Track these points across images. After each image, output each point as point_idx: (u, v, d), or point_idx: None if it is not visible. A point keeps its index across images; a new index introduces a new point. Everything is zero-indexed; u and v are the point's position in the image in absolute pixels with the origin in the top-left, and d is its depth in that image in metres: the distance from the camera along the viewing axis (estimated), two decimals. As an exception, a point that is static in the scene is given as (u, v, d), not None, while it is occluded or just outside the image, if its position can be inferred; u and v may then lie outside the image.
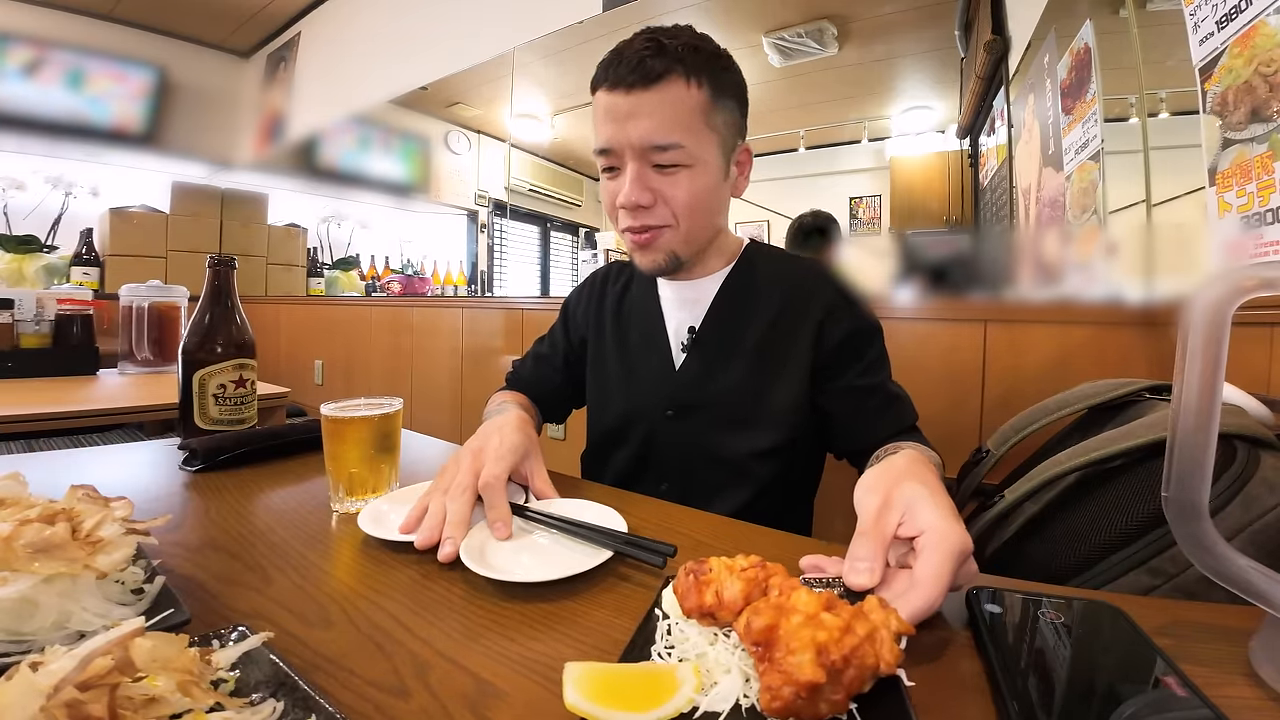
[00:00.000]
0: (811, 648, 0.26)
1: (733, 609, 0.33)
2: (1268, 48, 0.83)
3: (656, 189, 0.67)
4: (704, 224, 0.72)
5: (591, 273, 0.95)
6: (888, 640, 0.28)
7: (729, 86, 0.69)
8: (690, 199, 0.68)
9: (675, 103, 0.65)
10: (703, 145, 0.67)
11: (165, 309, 1.70)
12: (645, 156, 0.66)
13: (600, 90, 0.67)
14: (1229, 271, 0.29)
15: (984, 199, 2.16)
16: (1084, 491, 0.55)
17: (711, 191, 0.70)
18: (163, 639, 0.27)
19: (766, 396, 0.73)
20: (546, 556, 0.48)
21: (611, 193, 0.70)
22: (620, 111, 0.65)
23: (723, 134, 0.69)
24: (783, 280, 0.77)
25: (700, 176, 0.67)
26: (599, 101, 0.68)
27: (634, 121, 0.65)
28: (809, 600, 0.30)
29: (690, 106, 0.65)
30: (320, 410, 0.60)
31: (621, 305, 0.86)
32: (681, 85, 0.65)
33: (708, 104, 0.66)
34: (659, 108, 0.64)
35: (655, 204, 0.68)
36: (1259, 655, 0.33)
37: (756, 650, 0.27)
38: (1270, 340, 0.87)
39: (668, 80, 0.64)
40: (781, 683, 0.26)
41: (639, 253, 0.72)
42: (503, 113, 3.23)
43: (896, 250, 1.45)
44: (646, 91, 0.64)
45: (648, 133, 0.64)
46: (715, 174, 0.69)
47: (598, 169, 0.72)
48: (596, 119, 0.69)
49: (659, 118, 0.64)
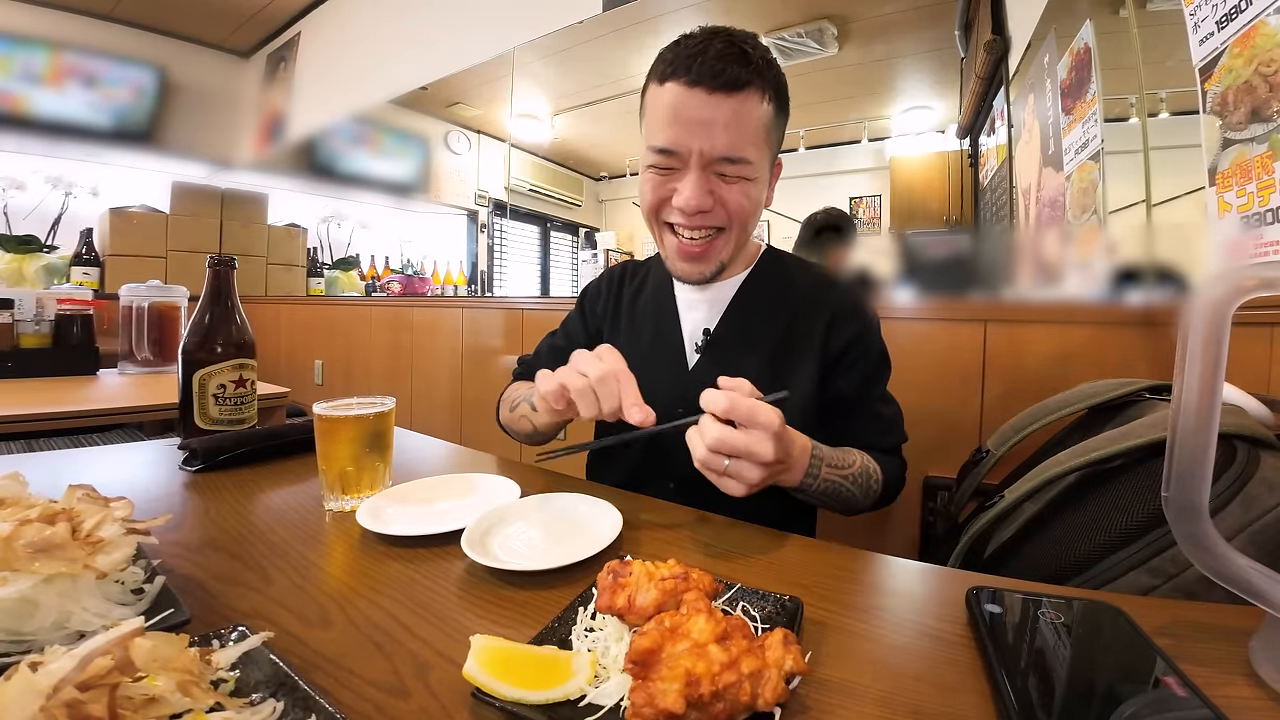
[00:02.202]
0: (682, 678, 0.27)
1: (642, 615, 0.34)
2: (1268, 48, 0.83)
3: (716, 194, 0.67)
4: (749, 232, 0.73)
5: (609, 268, 0.95)
6: (774, 679, 0.29)
7: (785, 106, 0.69)
8: (749, 206, 0.68)
9: (752, 116, 0.64)
10: (762, 160, 0.67)
11: (165, 309, 1.70)
12: (711, 165, 0.65)
13: (673, 83, 0.64)
14: (1229, 271, 0.29)
15: (984, 199, 2.16)
16: (1084, 491, 0.55)
17: (760, 203, 0.71)
18: (163, 639, 0.27)
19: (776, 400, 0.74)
20: (546, 546, 0.49)
21: (659, 191, 0.69)
22: (696, 113, 0.63)
23: (774, 149, 0.70)
24: (798, 285, 0.78)
25: (755, 188, 0.68)
26: (669, 94, 0.64)
27: (710, 129, 0.63)
28: (704, 628, 0.30)
29: (762, 122, 0.65)
30: (313, 409, 0.60)
31: (637, 305, 0.86)
32: (757, 98, 0.64)
33: (771, 119, 0.67)
34: (736, 119, 0.63)
35: (714, 208, 0.67)
36: (1259, 655, 0.33)
37: (633, 668, 0.28)
38: (1270, 340, 0.87)
39: (748, 91, 0.63)
40: (644, 703, 0.27)
41: (689, 262, 0.72)
42: (503, 113, 3.22)
43: (896, 250, 1.45)
44: (728, 98, 0.62)
45: (724, 146, 0.63)
46: (764, 187, 0.70)
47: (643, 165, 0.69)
48: (659, 112, 0.65)
49: (736, 131, 0.63)
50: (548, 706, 0.29)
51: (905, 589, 0.45)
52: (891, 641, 0.37)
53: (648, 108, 0.69)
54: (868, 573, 0.47)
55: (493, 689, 0.29)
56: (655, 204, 0.70)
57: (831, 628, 0.38)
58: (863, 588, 0.45)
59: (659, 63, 0.67)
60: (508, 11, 2.55)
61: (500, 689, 0.29)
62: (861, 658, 0.35)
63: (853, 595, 0.43)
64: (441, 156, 3.74)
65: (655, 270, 0.87)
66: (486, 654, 0.31)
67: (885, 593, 0.44)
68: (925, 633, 0.38)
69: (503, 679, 0.30)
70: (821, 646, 0.36)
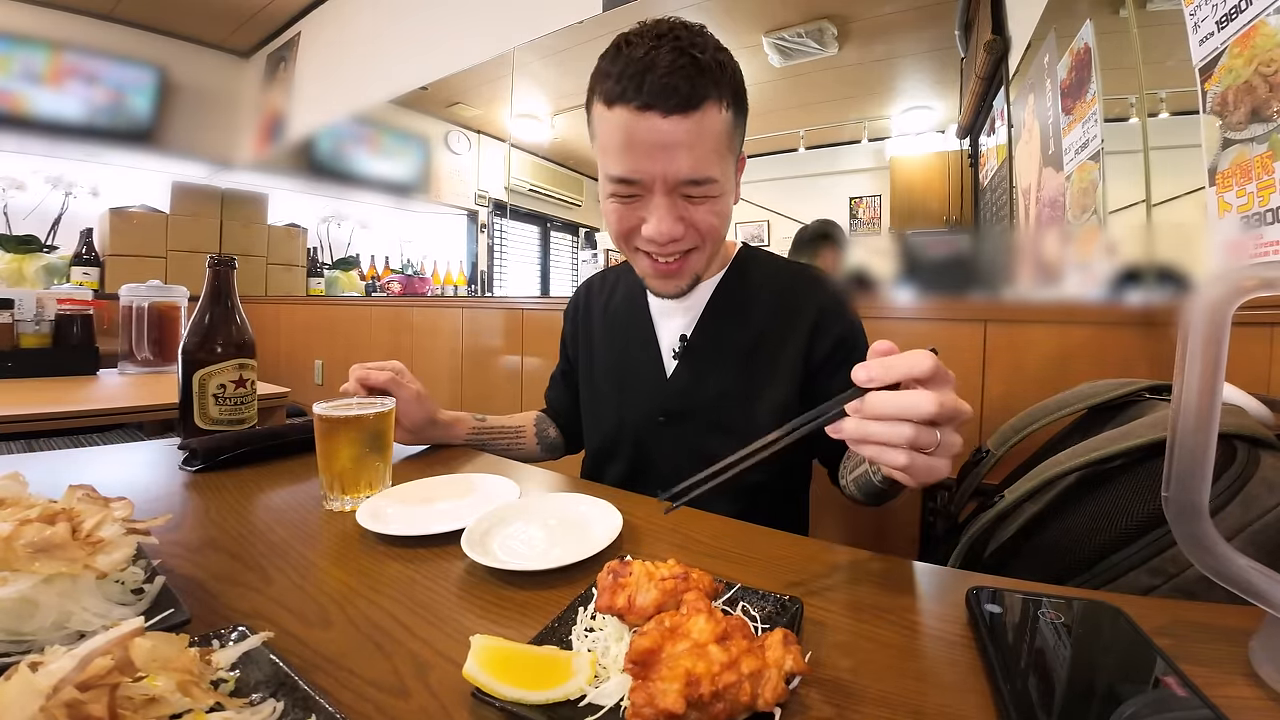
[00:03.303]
0: (682, 678, 0.27)
1: (642, 614, 0.34)
2: (1268, 48, 0.83)
3: (686, 218, 0.64)
4: (723, 241, 0.72)
5: (577, 289, 0.94)
6: (774, 679, 0.29)
7: (743, 100, 0.65)
8: (719, 223, 0.66)
9: (712, 132, 0.59)
10: (727, 170, 0.64)
11: (165, 309, 1.70)
12: (677, 188, 0.62)
13: (621, 107, 0.58)
14: (1229, 271, 0.29)
15: (984, 199, 2.16)
16: (1084, 491, 0.55)
17: (730, 213, 0.69)
18: (163, 639, 0.27)
19: (757, 401, 0.73)
20: (546, 546, 0.49)
21: (626, 220, 0.65)
22: (653, 139, 0.58)
23: (736, 151, 0.67)
24: (774, 285, 0.76)
25: (723, 202, 0.66)
26: (618, 119, 0.58)
27: (670, 154, 0.58)
28: (704, 628, 0.30)
29: (724, 134, 0.61)
30: (313, 409, 0.60)
31: (610, 315, 0.86)
32: (716, 110, 0.59)
33: (732, 125, 0.63)
34: (698, 139, 0.58)
35: (686, 231, 0.65)
36: (1259, 655, 0.33)
37: (633, 668, 0.29)
38: (1270, 340, 0.87)
39: (706, 106, 0.58)
40: (644, 703, 0.27)
41: (663, 279, 0.69)
42: (503, 113, 3.22)
43: (896, 250, 1.45)
44: (685, 119, 0.57)
45: (688, 169, 0.59)
46: (732, 193, 0.68)
47: (603, 190, 0.65)
48: (613, 138, 0.60)
49: (699, 152, 0.59)
50: (548, 706, 0.29)
51: (905, 589, 0.44)
52: (891, 641, 0.37)
53: (598, 131, 0.63)
54: (868, 573, 0.47)
55: (493, 689, 0.29)
56: (624, 233, 0.66)
57: (831, 628, 0.38)
58: (863, 588, 0.45)
59: (601, 78, 0.60)
60: (508, 11, 2.55)
61: (500, 689, 0.29)
62: (861, 658, 0.35)
63: (853, 595, 0.43)
64: (441, 156, 3.74)
65: (626, 278, 0.85)
66: (486, 654, 0.31)
67: (885, 593, 0.44)
68: (925, 633, 0.38)
69: (503, 679, 0.30)
70: (821, 646, 0.36)
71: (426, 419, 0.80)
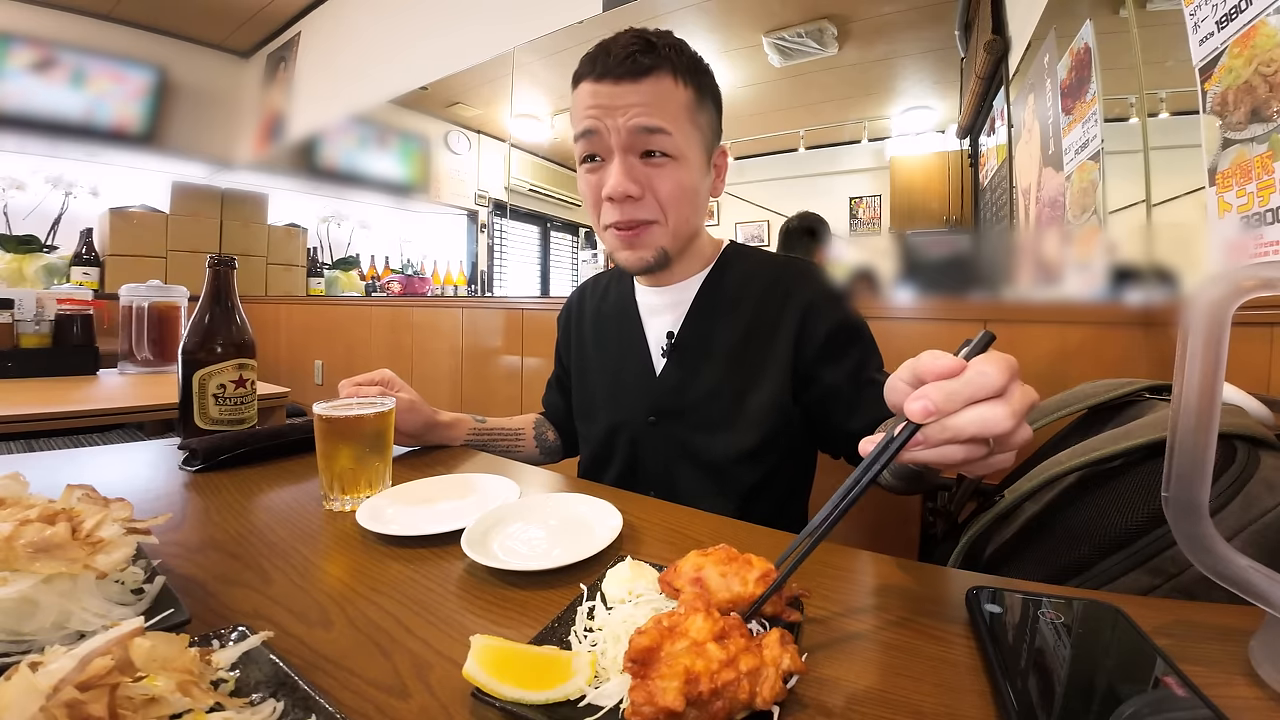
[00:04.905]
0: (681, 676, 0.27)
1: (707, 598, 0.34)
2: (1268, 48, 0.83)
3: (644, 181, 0.67)
4: (688, 219, 0.72)
5: (570, 295, 0.96)
6: (772, 678, 0.29)
7: (710, 90, 0.71)
8: (677, 190, 0.68)
9: (664, 95, 0.65)
10: (688, 140, 0.67)
11: (165, 309, 1.70)
12: (633, 145, 0.66)
13: (585, 82, 0.67)
14: (1229, 271, 0.29)
15: (984, 199, 2.16)
16: (1084, 491, 0.55)
17: (695, 187, 0.70)
18: (163, 639, 0.27)
19: (745, 398, 0.73)
20: (547, 546, 0.49)
21: (594, 185, 0.70)
22: (609, 100, 0.65)
23: (705, 133, 0.70)
24: (761, 280, 0.76)
25: (685, 170, 0.68)
26: (583, 92, 0.67)
27: (624, 109, 0.65)
28: (702, 626, 0.30)
29: (678, 101, 0.66)
30: (313, 409, 0.60)
31: (601, 317, 0.86)
32: (669, 80, 0.66)
33: (693, 102, 0.67)
34: (652, 97, 0.65)
35: (644, 196, 0.67)
36: (1259, 655, 0.33)
37: (632, 667, 0.29)
38: (1270, 340, 0.87)
39: (656, 74, 0.65)
40: (643, 701, 0.27)
41: (626, 250, 0.71)
42: (503, 113, 3.22)
43: (896, 250, 1.45)
44: (636, 84, 0.64)
45: (637, 115, 0.64)
46: (698, 170, 0.70)
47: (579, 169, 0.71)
48: (578, 109, 0.68)
49: (652, 106, 0.65)
50: (548, 706, 0.29)
51: (905, 589, 0.44)
52: (891, 641, 0.37)
53: (571, 115, 0.70)
54: (867, 573, 0.47)
55: (493, 689, 0.29)
56: (593, 199, 0.71)
57: (831, 627, 0.38)
58: (862, 588, 0.45)
59: (579, 68, 0.68)
60: (508, 11, 2.56)
61: (500, 689, 0.29)
62: (861, 658, 0.35)
63: (852, 595, 0.43)
64: (441, 156, 3.74)
65: (617, 281, 0.86)
66: (486, 654, 0.31)
67: (885, 593, 0.44)
68: (925, 633, 0.38)
69: (503, 679, 0.30)
70: (821, 646, 0.36)
71: (422, 425, 0.80)
